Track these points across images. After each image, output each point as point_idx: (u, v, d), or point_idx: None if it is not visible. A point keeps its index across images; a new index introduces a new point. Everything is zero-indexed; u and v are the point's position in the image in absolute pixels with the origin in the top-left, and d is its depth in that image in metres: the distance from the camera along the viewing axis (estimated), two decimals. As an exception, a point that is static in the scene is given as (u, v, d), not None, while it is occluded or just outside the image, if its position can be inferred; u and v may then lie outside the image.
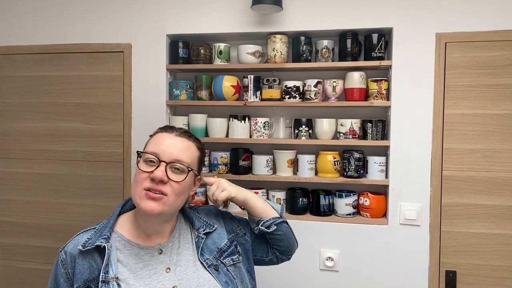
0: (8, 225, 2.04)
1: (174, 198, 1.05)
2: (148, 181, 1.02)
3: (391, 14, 1.71)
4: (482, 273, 1.67)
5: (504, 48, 1.63)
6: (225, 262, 1.13)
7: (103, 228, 1.08)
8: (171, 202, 1.04)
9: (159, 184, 1.02)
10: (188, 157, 1.08)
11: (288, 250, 1.27)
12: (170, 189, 1.03)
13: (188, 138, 1.11)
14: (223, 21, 1.83)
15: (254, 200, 1.21)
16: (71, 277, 1.03)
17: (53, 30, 1.96)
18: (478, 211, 1.67)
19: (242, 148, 1.88)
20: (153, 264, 1.05)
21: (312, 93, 1.79)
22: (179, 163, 1.05)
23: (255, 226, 1.22)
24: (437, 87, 1.68)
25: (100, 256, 1.02)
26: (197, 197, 1.88)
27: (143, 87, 1.89)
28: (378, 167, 1.77)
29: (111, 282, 0.99)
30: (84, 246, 1.03)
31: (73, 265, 1.03)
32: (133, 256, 1.05)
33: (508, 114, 1.64)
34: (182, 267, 1.07)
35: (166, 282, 1.04)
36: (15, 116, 2.02)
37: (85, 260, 1.02)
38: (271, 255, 1.27)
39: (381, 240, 1.74)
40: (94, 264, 1.02)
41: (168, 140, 1.07)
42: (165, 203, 1.03)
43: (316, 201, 1.81)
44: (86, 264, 1.02)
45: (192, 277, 1.07)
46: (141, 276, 1.03)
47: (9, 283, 2.05)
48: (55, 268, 1.06)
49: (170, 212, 1.06)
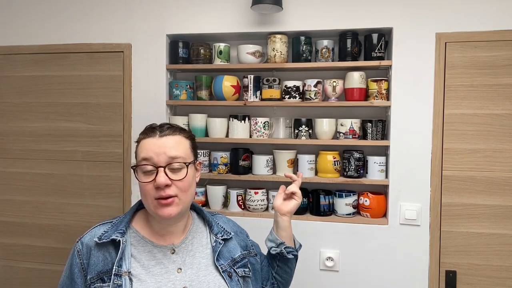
0: (8, 225, 2.04)
1: (184, 196, 1.06)
2: (154, 190, 1.03)
3: (391, 14, 1.71)
4: (482, 273, 1.67)
5: (504, 48, 1.63)
6: (238, 271, 1.14)
7: (120, 222, 1.10)
8: (183, 200, 1.06)
9: (166, 189, 1.02)
10: (181, 151, 1.07)
11: (286, 284, 1.33)
12: (177, 189, 1.04)
13: (173, 132, 1.08)
14: (223, 21, 1.83)
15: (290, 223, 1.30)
16: (85, 267, 1.04)
17: (53, 30, 1.96)
18: (478, 211, 1.67)
19: (242, 148, 1.88)
20: (165, 263, 1.06)
21: (312, 93, 1.79)
22: (175, 162, 1.04)
23: (274, 246, 1.27)
24: (437, 87, 1.68)
25: (115, 250, 1.04)
26: (197, 197, 1.88)
27: (143, 87, 1.89)
28: (378, 167, 1.77)
29: (124, 276, 1.01)
30: (100, 238, 1.04)
31: (88, 256, 1.05)
32: (146, 253, 1.06)
33: (508, 114, 1.64)
34: (194, 269, 1.08)
35: (177, 282, 1.05)
36: (15, 116, 2.02)
37: (100, 252, 1.04)
38: (270, 285, 1.30)
39: (381, 240, 1.74)
40: (109, 257, 1.04)
41: (156, 143, 1.05)
42: (179, 204, 1.05)
43: (316, 201, 1.80)
44: (101, 256, 1.04)
45: (203, 280, 1.07)
46: (153, 273, 1.04)
47: (9, 283, 2.05)
48: (70, 257, 1.08)
49: (185, 208, 1.09)
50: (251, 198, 1.84)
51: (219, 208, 1.88)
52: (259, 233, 1.82)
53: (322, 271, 1.79)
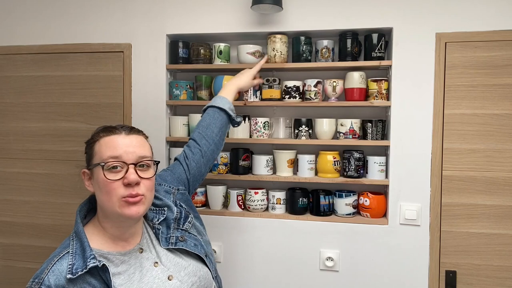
0: (8, 225, 2.04)
1: (150, 195, 1.06)
2: (122, 188, 1.00)
3: (391, 14, 1.71)
4: (482, 273, 1.68)
5: (504, 48, 1.63)
6: (186, 228, 1.17)
7: (81, 248, 0.99)
8: (149, 200, 1.06)
9: (135, 187, 1.01)
10: (148, 150, 1.08)
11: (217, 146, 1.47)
12: (144, 188, 1.03)
13: (138, 132, 1.09)
14: (223, 21, 1.83)
15: None
16: None
17: (53, 30, 1.96)
18: (478, 211, 1.67)
19: (242, 148, 1.88)
20: (140, 264, 1.05)
21: (312, 93, 1.79)
22: (145, 160, 1.04)
23: (234, 112, 1.48)
24: (437, 87, 1.68)
25: (94, 277, 0.97)
26: (196, 196, 1.88)
27: (143, 87, 1.89)
28: (378, 167, 1.77)
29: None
30: (73, 273, 0.94)
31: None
32: (120, 265, 1.03)
33: (508, 114, 1.64)
34: (164, 256, 1.09)
35: (160, 275, 1.05)
36: (15, 116, 2.02)
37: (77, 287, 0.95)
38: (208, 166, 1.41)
39: (381, 240, 1.74)
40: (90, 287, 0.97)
41: (123, 141, 1.03)
42: (145, 203, 1.04)
43: (316, 201, 1.81)
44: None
45: (177, 261, 1.09)
46: (137, 280, 1.02)
47: (9, 283, 2.04)
48: None
49: (148, 208, 1.08)
50: (251, 198, 1.84)
51: (219, 208, 1.88)
52: (259, 233, 1.83)
53: (322, 271, 1.79)
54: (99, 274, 0.98)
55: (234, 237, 1.84)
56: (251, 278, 1.83)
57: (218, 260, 1.84)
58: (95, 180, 1.03)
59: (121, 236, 1.06)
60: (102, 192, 1.01)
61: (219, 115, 1.43)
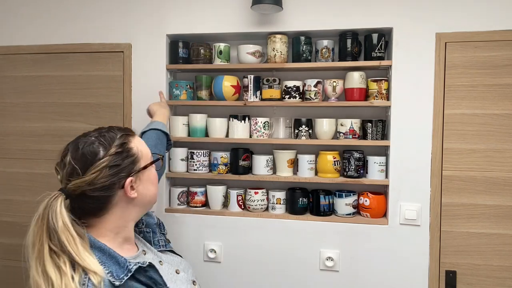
0: (8, 225, 2.04)
1: None
2: None
3: (391, 14, 1.71)
4: (482, 273, 1.67)
5: (504, 48, 1.63)
6: (165, 232, 1.25)
7: (111, 254, 0.96)
8: None
9: None
10: None
11: None
12: None
13: None
14: (223, 21, 1.83)
15: None
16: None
17: (52, 30, 1.96)
18: (478, 211, 1.67)
19: (242, 148, 1.88)
20: None
21: (312, 93, 1.79)
22: None
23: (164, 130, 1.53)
24: (437, 87, 1.68)
25: (136, 281, 0.96)
26: (196, 196, 1.88)
27: (143, 87, 1.89)
28: (378, 167, 1.77)
29: None
30: (119, 278, 0.91)
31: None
32: None
33: (508, 114, 1.64)
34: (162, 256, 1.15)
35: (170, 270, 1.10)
36: (15, 116, 2.02)
37: None
38: None
39: (381, 240, 1.74)
40: None
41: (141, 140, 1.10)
42: None
43: (316, 201, 1.80)
44: None
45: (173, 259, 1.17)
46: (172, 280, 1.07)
47: (9, 283, 2.04)
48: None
49: None
50: (251, 198, 1.84)
51: (219, 208, 1.88)
52: (259, 233, 1.83)
53: (322, 271, 1.79)
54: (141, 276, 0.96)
55: (234, 237, 1.84)
56: (251, 278, 1.83)
57: (218, 260, 1.85)
58: (145, 180, 1.02)
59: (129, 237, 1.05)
60: (154, 186, 1.07)
61: (162, 137, 1.52)
